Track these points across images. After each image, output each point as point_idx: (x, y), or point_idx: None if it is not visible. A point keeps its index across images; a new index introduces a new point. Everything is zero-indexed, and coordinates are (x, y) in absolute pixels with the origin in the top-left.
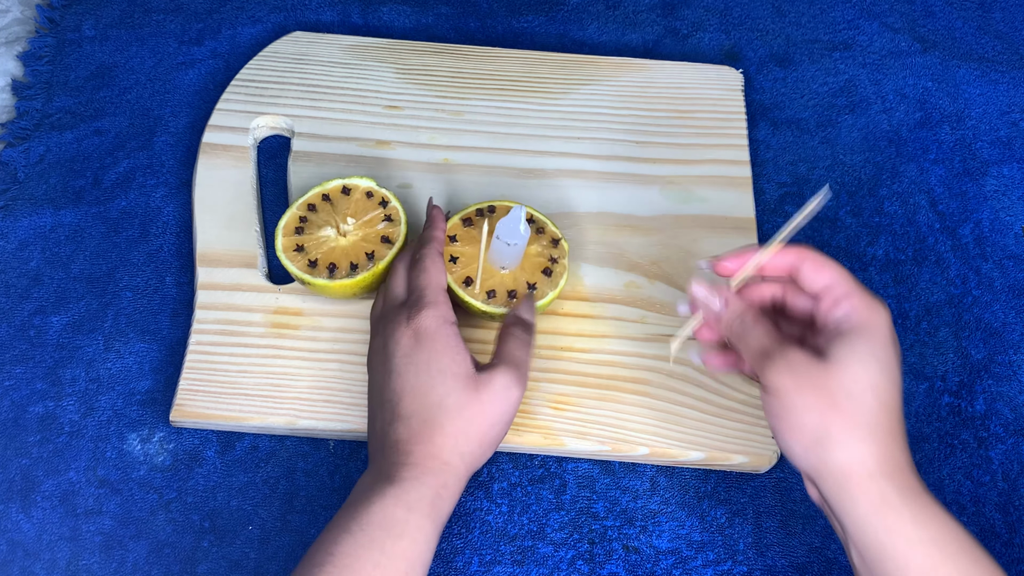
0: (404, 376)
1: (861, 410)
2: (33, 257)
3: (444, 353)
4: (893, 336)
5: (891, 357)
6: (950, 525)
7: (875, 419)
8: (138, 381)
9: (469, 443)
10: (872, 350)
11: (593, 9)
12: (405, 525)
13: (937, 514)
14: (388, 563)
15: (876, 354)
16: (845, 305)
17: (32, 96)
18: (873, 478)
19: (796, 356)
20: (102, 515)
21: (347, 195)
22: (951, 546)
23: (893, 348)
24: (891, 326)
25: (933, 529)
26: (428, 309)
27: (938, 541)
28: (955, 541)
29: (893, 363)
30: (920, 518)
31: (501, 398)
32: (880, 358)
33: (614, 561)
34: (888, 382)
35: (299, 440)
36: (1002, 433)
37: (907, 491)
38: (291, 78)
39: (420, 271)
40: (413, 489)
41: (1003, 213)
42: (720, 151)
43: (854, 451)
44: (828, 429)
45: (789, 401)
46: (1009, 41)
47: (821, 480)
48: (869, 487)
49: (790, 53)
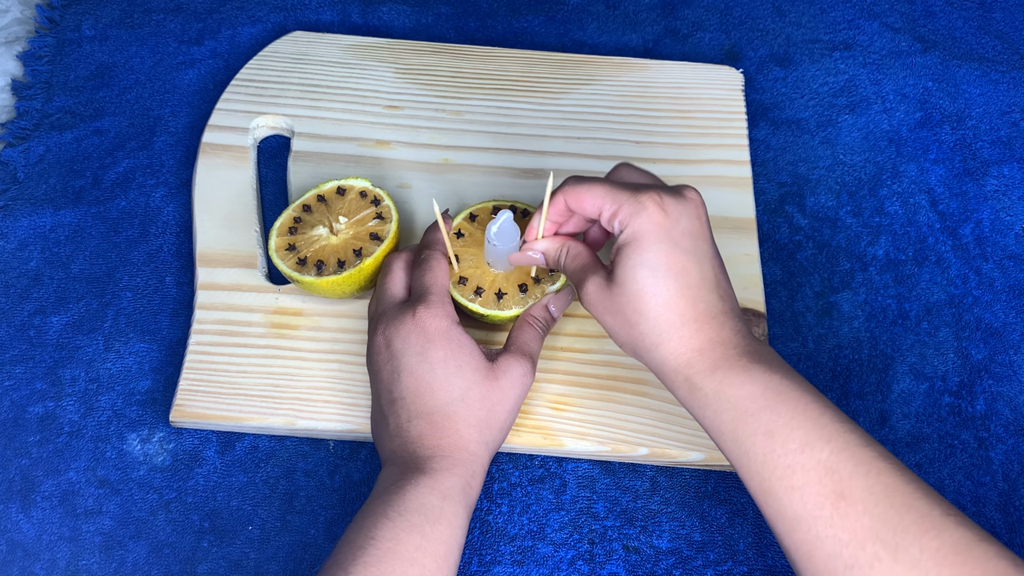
0: (417, 374)
1: (650, 319)
2: (33, 257)
3: (460, 350)
4: (663, 228)
5: (662, 254)
6: (760, 382)
7: (665, 321)
8: (138, 381)
9: (492, 431)
10: (641, 259)
11: (593, 9)
12: (441, 511)
13: (746, 379)
14: (429, 546)
15: (645, 261)
16: (616, 222)
17: (32, 96)
18: (677, 371)
19: (592, 285)
20: (102, 515)
21: (342, 195)
22: (757, 402)
23: (663, 243)
24: (659, 217)
25: (737, 394)
26: (436, 308)
27: (740, 405)
28: (762, 397)
29: (664, 259)
30: (722, 389)
31: (518, 384)
32: (649, 263)
33: (614, 561)
34: (663, 282)
35: (299, 440)
36: (1002, 433)
37: (710, 369)
38: (291, 78)
39: (426, 270)
40: (446, 479)
41: (1003, 213)
42: (720, 151)
43: (656, 355)
44: (634, 342)
45: (603, 324)
46: (1009, 41)
47: (656, 375)
48: (676, 378)
49: (790, 53)
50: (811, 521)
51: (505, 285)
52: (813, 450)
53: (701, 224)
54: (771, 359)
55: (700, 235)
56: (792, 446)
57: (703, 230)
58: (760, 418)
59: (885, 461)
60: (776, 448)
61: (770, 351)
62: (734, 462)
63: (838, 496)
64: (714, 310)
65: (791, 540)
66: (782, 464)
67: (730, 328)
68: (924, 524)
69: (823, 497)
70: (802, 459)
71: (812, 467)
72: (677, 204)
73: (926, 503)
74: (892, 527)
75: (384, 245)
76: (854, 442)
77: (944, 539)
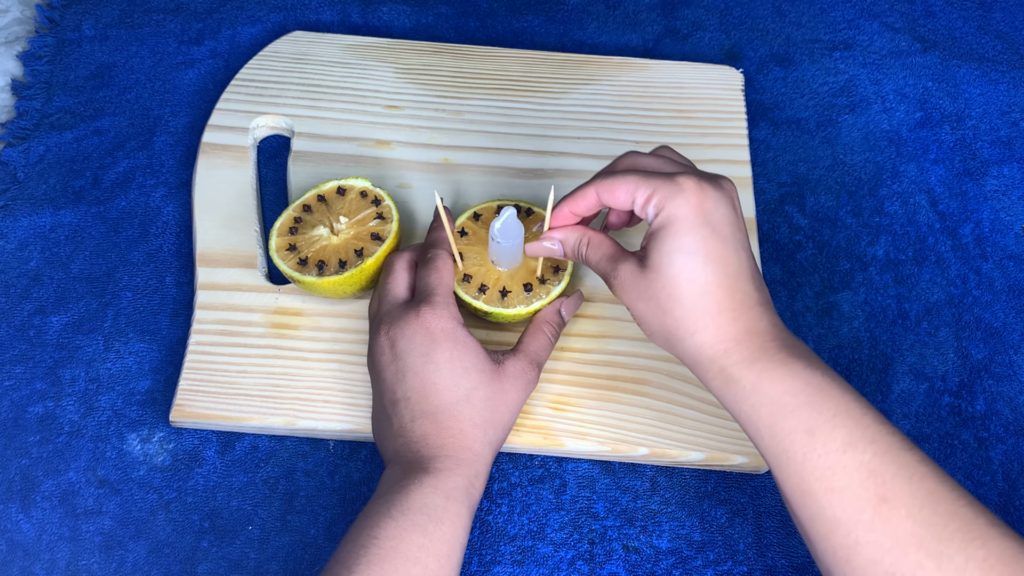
0: (422, 374)
1: (685, 306)
2: (33, 257)
3: (465, 351)
4: (701, 211)
5: (700, 239)
6: (801, 378)
7: (701, 308)
8: (138, 381)
9: (496, 431)
10: (678, 244)
11: (593, 9)
12: (444, 511)
13: (786, 373)
14: (432, 545)
15: (682, 245)
16: (650, 208)
17: (32, 96)
18: (713, 361)
19: (624, 272)
20: (102, 515)
21: (342, 195)
22: (798, 397)
23: (701, 228)
24: (697, 200)
25: (777, 388)
26: (442, 308)
27: (779, 400)
28: (803, 392)
29: (703, 245)
30: (760, 382)
31: (522, 388)
32: (686, 247)
33: (614, 561)
34: (701, 268)
35: (299, 440)
36: (1002, 433)
37: (748, 361)
38: (291, 78)
39: (432, 270)
40: (449, 479)
41: (1003, 213)
42: (720, 151)
43: (690, 343)
44: (667, 330)
45: (635, 312)
46: (1009, 41)
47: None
48: (711, 369)
49: (790, 53)
50: (851, 525)
51: (510, 284)
52: (856, 451)
53: (737, 214)
54: (809, 355)
55: (737, 224)
56: (834, 446)
57: (739, 220)
58: (800, 415)
59: (928, 466)
60: (817, 447)
61: (806, 347)
62: (770, 460)
63: (880, 500)
64: (751, 300)
65: (828, 544)
66: (823, 464)
67: (768, 320)
68: (970, 533)
69: (864, 501)
70: (844, 460)
71: (855, 468)
72: (715, 190)
73: (971, 511)
74: (936, 534)
75: (385, 245)
76: (897, 445)
77: (991, 549)
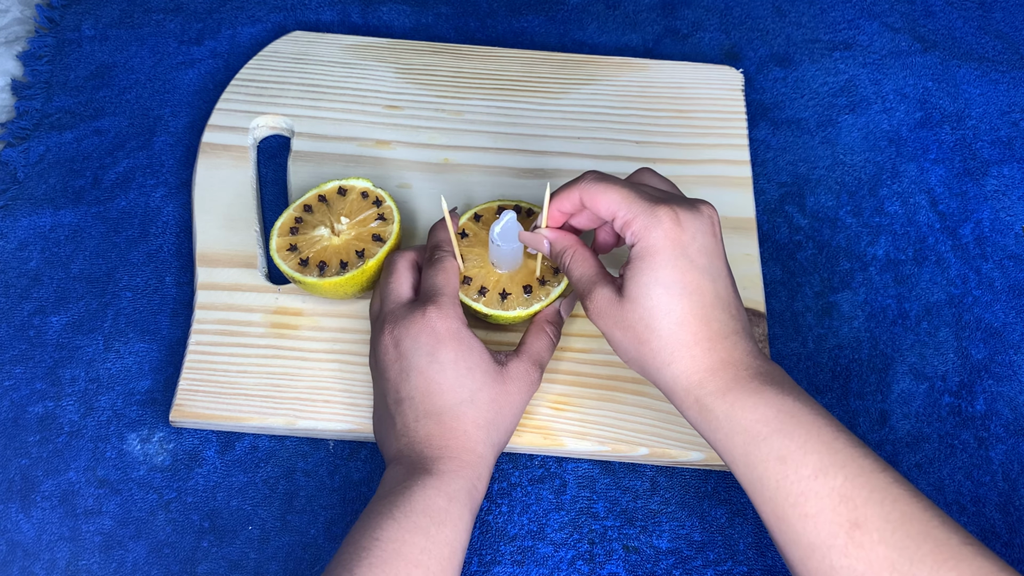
0: (427, 374)
1: (662, 337)
2: (33, 257)
3: (470, 351)
4: (678, 244)
5: (677, 272)
6: (773, 405)
7: (677, 339)
8: (138, 381)
9: (499, 433)
10: (655, 276)
11: (593, 9)
12: (447, 514)
13: (758, 401)
14: (434, 548)
15: (659, 278)
16: (628, 232)
17: (32, 96)
18: (688, 391)
19: (601, 298)
20: (102, 515)
21: (343, 196)
22: (770, 425)
23: (678, 260)
24: (675, 233)
25: (749, 417)
26: (447, 309)
27: (751, 428)
28: (775, 420)
29: (680, 277)
30: (733, 412)
31: (525, 389)
32: (664, 280)
33: (614, 561)
34: (677, 299)
35: (299, 440)
36: (1002, 433)
37: (721, 391)
38: (291, 78)
39: (439, 271)
40: (452, 481)
41: (1003, 213)
42: (720, 151)
43: (667, 373)
44: (643, 359)
45: (611, 339)
46: (1009, 41)
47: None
48: (686, 399)
49: (790, 53)
50: (825, 550)
51: (509, 286)
52: (827, 476)
53: (716, 241)
54: (782, 380)
55: (715, 252)
56: (805, 472)
57: (718, 247)
58: (772, 443)
59: (901, 487)
60: (789, 474)
61: (781, 371)
62: (747, 487)
63: (853, 525)
64: (727, 330)
65: (805, 568)
66: (795, 491)
67: (742, 349)
68: (942, 554)
69: (837, 526)
70: (815, 486)
71: (826, 494)
72: (693, 219)
73: (943, 532)
74: (908, 557)
75: (386, 246)
76: (869, 467)
77: (963, 570)
